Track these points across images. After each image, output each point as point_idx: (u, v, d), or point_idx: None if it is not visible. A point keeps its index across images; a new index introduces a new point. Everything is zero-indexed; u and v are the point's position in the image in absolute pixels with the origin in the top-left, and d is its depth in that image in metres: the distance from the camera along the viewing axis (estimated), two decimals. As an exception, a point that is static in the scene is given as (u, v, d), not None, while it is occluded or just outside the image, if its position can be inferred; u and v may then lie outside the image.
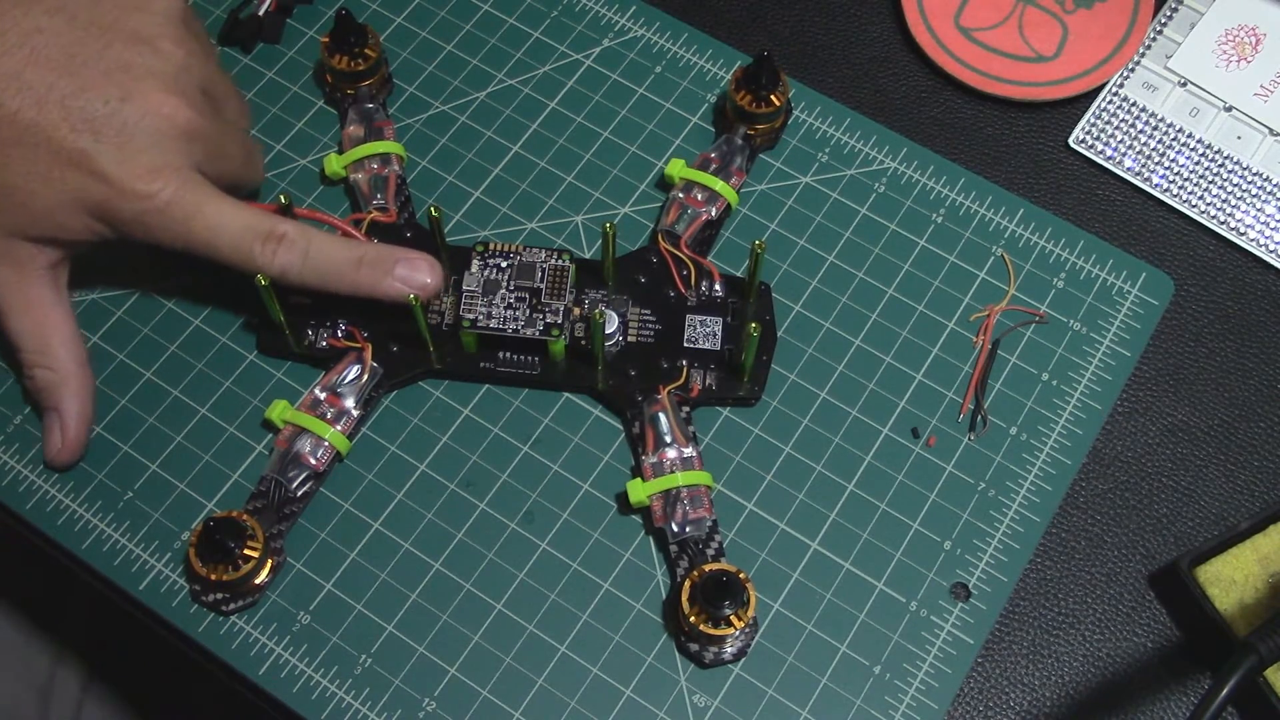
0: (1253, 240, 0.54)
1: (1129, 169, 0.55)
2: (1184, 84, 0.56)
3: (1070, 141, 0.56)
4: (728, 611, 0.44)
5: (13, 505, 0.48)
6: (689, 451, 0.47)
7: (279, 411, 0.48)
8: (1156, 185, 0.55)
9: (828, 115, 0.55)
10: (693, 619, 0.44)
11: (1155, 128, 0.55)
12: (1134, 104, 0.56)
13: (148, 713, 0.68)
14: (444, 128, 0.55)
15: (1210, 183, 0.54)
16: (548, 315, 0.48)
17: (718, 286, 0.50)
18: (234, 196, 0.48)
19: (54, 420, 0.47)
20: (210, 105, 0.48)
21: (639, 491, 0.47)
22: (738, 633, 0.45)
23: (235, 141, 0.49)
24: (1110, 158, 0.55)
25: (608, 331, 0.49)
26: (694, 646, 0.45)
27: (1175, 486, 0.50)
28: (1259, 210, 0.54)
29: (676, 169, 0.52)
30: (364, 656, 0.45)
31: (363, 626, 0.46)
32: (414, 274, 0.47)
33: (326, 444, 0.47)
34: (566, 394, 0.50)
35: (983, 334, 0.51)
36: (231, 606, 0.46)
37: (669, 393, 0.48)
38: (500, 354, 0.49)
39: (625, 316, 0.50)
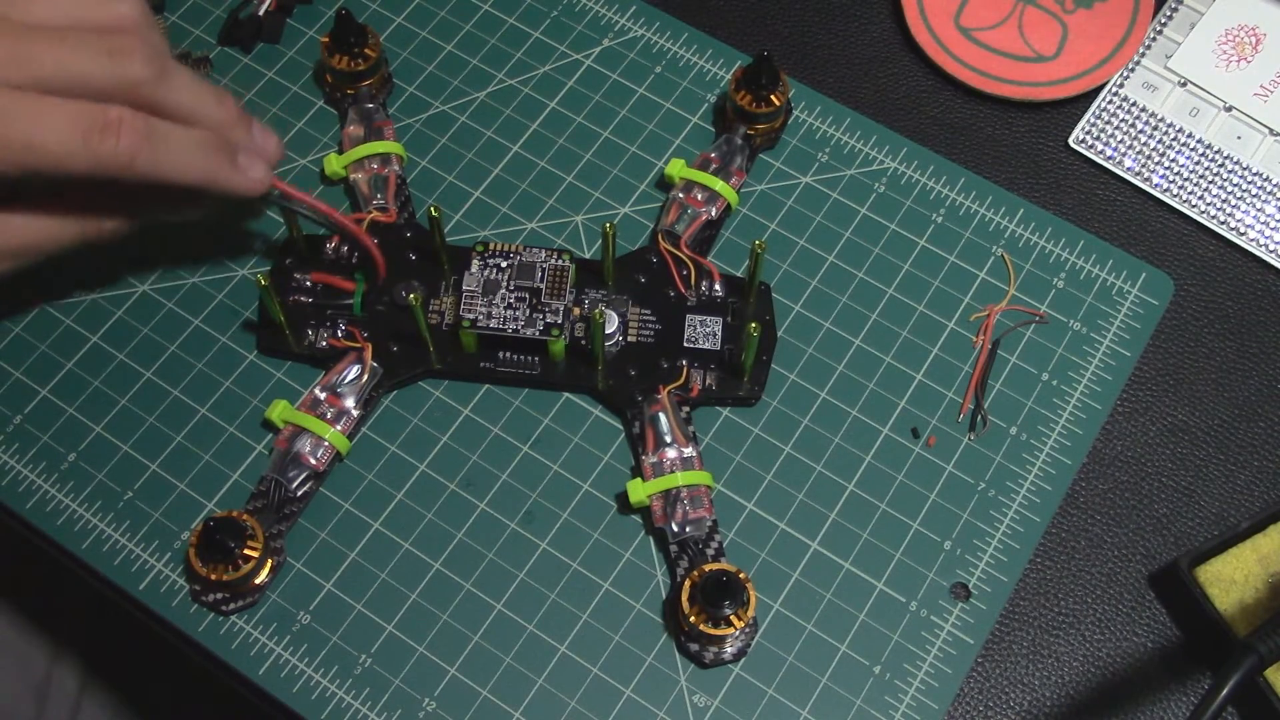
0: (1253, 240, 0.54)
1: (1129, 169, 0.55)
2: (1184, 84, 0.56)
3: (1070, 141, 0.56)
4: (728, 611, 0.44)
5: (13, 505, 0.48)
6: (689, 451, 0.47)
7: (279, 411, 0.48)
8: (1156, 185, 0.55)
9: (828, 115, 0.55)
10: (693, 619, 0.44)
11: (1155, 128, 0.55)
12: (1134, 104, 0.56)
13: (146, 712, 0.68)
14: (444, 128, 0.55)
15: (1210, 183, 0.54)
16: (548, 315, 0.48)
17: (718, 286, 0.50)
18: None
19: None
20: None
21: (639, 491, 0.47)
22: (738, 633, 0.45)
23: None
24: (1110, 158, 0.55)
25: (608, 331, 0.49)
26: (694, 646, 0.45)
27: (1175, 486, 0.50)
28: (1259, 210, 0.54)
29: (676, 169, 0.52)
30: (364, 656, 0.45)
31: (363, 626, 0.46)
32: (251, 167, 0.46)
33: (326, 444, 0.47)
34: (566, 394, 0.50)
35: (983, 334, 0.51)
36: (231, 606, 0.46)
37: (669, 393, 0.48)
38: (500, 354, 0.49)
39: (625, 316, 0.50)
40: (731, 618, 0.44)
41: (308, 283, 0.50)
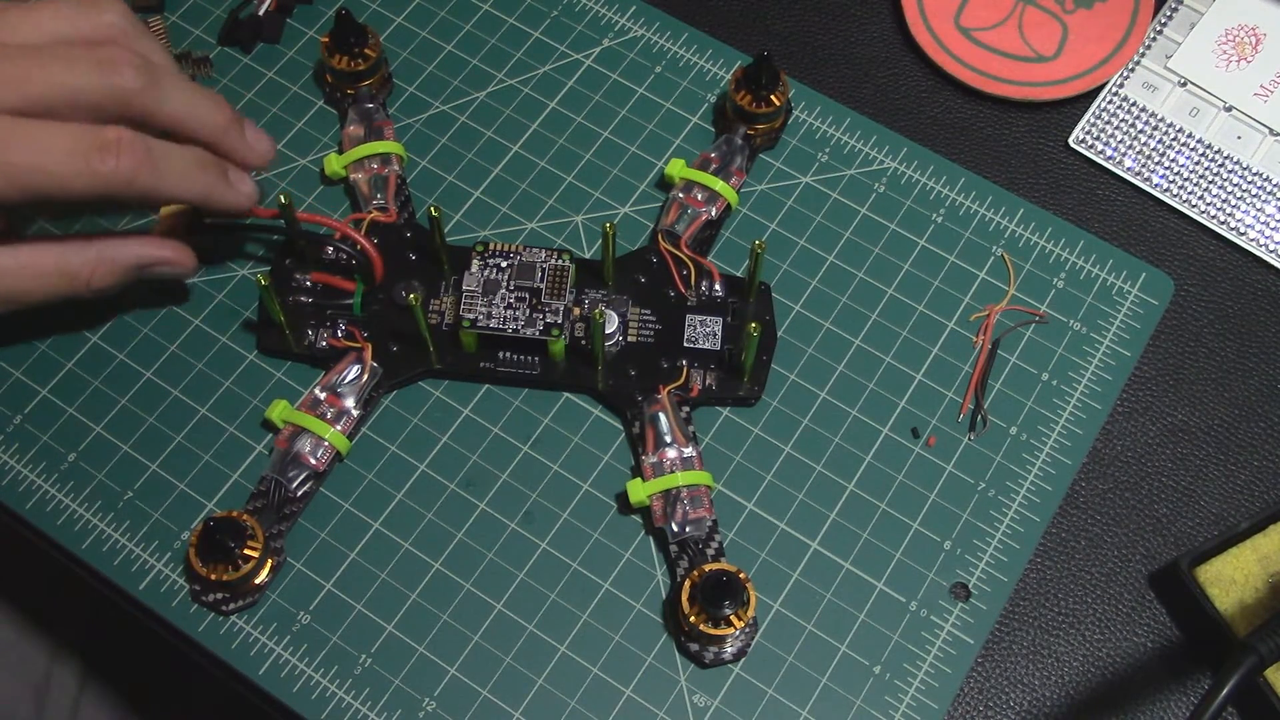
0: (1253, 240, 0.54)
1: (1129, 169, 0.55)
2: (1184, 84, 0.56)
3: (1070, 141, 0.56)
4: (728, 611, 0.44)
5: (13, 505, 0.48)
6: (689, 451, 0.47)
7: (279, 411, 0.48)
8: (1156, 185, 0.55)
9: (828, 115, 0.55)
10: (693, 619, 0.44)
11: (1155, 128, 0.55)
12: (1134, 104, 0.56)
13: (146, 712, 0.68)
14: (444, 128, 0.55)
15: (1210, 183, 0.54)
16: (548, 315, 0.48)
17: (718, 286, 0.50)
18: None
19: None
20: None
21: (639, 491, 0.47)
22: (738, 633, 0.45)
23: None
24: (1110, 158, 0.55)
25: (608, 331, 0.49)
26: (694, 646, 0.45)
27: (1175, 486, 0.50)
28: (1259, 210, 0.54)
29: (676, 169, 0.52)
30: (364, 656, 0.45)
31: (363, 626, 0.46)
32: (241, 183, 0.47)
33: (326, 444, 0.47)
34: (566, 394, 0.50)
35: (983, 334, 0.51)
36: (231, 606, 0.46)
37: (669, 393, 0.48)
38: (500, 354, 0.49)
39: (625, 316, 0.50)
40: (731, 618, 0.44)
41: (308, 283, 0.50)
